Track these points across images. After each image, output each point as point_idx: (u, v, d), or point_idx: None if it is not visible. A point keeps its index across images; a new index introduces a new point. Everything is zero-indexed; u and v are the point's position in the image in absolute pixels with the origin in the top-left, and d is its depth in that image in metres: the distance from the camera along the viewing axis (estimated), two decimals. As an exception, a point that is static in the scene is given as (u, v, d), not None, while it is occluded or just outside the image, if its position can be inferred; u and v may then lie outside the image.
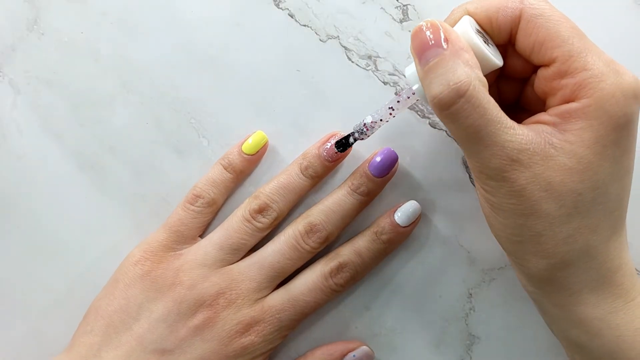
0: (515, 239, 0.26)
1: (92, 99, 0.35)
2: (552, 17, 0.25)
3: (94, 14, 0.35)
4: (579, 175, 0.24)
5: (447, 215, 0.34)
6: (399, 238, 0.32)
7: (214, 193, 0.33)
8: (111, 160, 0.35)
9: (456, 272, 0.34)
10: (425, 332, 0.34)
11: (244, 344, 0.31)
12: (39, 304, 0.35)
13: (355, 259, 0.32)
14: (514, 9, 0.26)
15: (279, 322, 0.31)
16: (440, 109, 0.24)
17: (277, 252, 0.32)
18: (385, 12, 0.34)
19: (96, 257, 0.35)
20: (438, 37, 0.25)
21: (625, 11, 0.32)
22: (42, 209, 0.36)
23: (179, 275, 0.31)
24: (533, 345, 0.33)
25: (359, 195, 0.32)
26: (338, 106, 0.34)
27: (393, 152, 0.32)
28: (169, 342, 0.30)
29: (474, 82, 0.24)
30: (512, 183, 0.24)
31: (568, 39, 0.24)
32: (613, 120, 0.24)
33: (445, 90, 0.24)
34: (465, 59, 0.24)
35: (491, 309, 0.33)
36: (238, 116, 0.35)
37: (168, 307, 0.31)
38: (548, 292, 0.26)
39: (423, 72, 0.25)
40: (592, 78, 0.24)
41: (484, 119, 0.24)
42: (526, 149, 0.24)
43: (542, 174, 0.24)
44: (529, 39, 0.25)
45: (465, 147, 0.25)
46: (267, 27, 0.35)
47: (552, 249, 0.25)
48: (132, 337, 0.31)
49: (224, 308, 0.31)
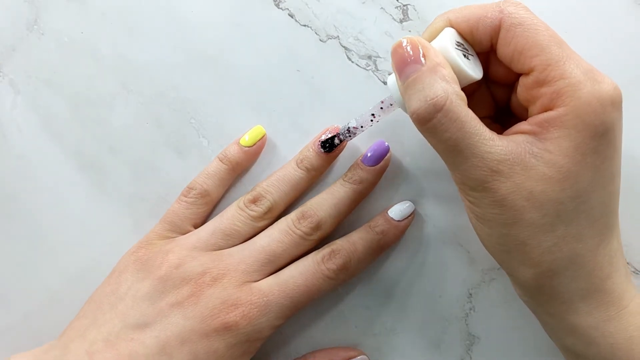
0: (502, 248, 0.26)
1: (92, 99, 0.35)
2: (531, 25, 0.25)
3: (94, 14, 0.35)
4: (560, 184, 0.24)
5: (447, 215, 0.34)
6: (393, 231, 0.32)
7: (206, 184, 0.34)
8: (111, 160, 0.35)
9: (456, 272, 0.34)
10: (425, 332, 0.34)
11: (228, 324, 0.29)
12: (38, 303, 0.35)
13: (348, 246, 0.32)
14: (493, 18, 0.26)
15: (266, 305, 0.30)
16: (420, 123, 0.25)
17: (268, 236, 0.32)
18: (385, 12, 0.34)
19: (96, 257, 0.35)
20: (417, 53, 0.25)
21: (625, 11, 0.32)
22: (42, 209, 0.36)
23: (168, 255, 0.31)
24: (533, 345, 0.33)
25: (351, 184, 0.32)
26: (338, 106, 0.34)
27: (384, 142, 0.33)
28: (150, 317, 0.30)
29: (451, 97, 0.24)
30: (494, 193, 0.24)
31: (546, 47, 0.24)
32: (591, 129, 0.24)
33: (423, 106, 0.24)
34: (442, 74, 0.25)
35: (491, 309, 0.33)
36: (238, 116, 0.35)
37: (153, 285, 0.31)
38: (540, 301, 0.27)
39: (403, 88, 0.26)
40: (569, 87, 0.24)
41: (462, 132, 0.24)
42: (506, 160, 0.24)
43: (522, 183, 0.24)
44: (508, 47, 0.25)
45: (446, 160, 0.26)
46: (267, 27, 0.35)
47: (537, 258, 0.25)
48: (115, 314, 0.30)
49: (209, 286, 0.30)
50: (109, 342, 0.29)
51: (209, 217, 0.35)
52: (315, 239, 0.32)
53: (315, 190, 0.34)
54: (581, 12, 0.33)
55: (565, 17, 0.32)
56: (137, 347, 0.29)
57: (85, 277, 0.35)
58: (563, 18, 0.32)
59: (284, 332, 0.34)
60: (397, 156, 0.34)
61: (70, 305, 0.34)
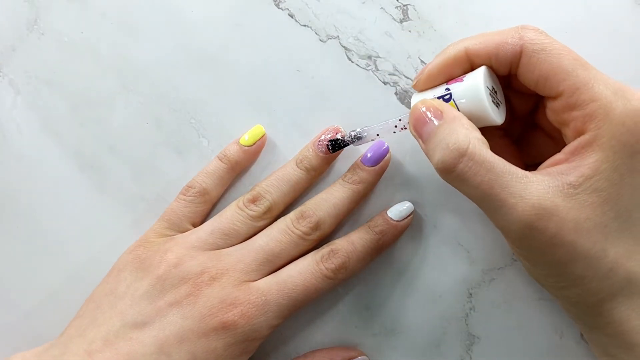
0: (559, 285, 0.26)
1: (92, 99, 0.35)
2: (553, 51, 0.25)
3: (94, 14, 0.35)
4: (601, 207, 0.24)
5: (447, 215, 0.34)
6: (392, 231, 0.32)
7: (205, 183, 0.34)
8: (111, 160, 0.35)
9: (456, 272, 0.33)
10: (425, 332, 0.34)
11: (226, 323, 0.29)
12: (38, 303, 0.35)
13: (347, 246, 0.32)
14: (514, 44, 0.25)
15: (265, 305, 0.30)
16: (446, 172, 0.25)
17: (267, 236, 0.32)
18: (385, 12, 0.34)
19: (95, 257, 0.35)
20: (436, 112, 0.26)
21: (625, 11, 0.32)
22: (42, 209, 0.36)
23: (167, 254, 0.31)
24: (533, 345, 0.33)
25: (350, 185, 0.32)
26: (338, 106, 0.34)
27: (384, 143, 0.32)
28: (149, 316, 0.30)
29: (473, 141, 0.24)
30: (542, 234, 0.24)
31: (572, 72, 0.24)
32: (627, 148, 0.23)
33: (446, 153, 0.24)
34: (461, 123, 0.25)
35: (491, 309, 0.33)
36: (238, 116, 0.35)
37: (152, 284, 0.31)
38: (599, 324, 0.26)
39: (425, 146, 0.26)
40: (600, 109, 0.23)
41: (493, 173, 0.24)
42: (545, 195, 0.23)
43: (567, 216, 0.23)
44: (532, 74, 0.25)
45: (484, 207, 0.25)
46: (267, 27, 0.35)
47: (596, 287, 0.24)
48: (114, 313, 0.30)
49: (208, 285, 0.30)
50: (108, 341, 0.29)
51: (208, 216, 0.35)
52: (314, 238, 0.32)
53: (315, 190, 0.34)
54: (581, 13, 0.33)
55: (565, 17, 0.32)
56: (136, 346, 0.29)
57: (85, 276, 0.35)
58: (563, 19, 0.32)
59: (284, 332, 0.34)
60: (397, 156, 0.34)
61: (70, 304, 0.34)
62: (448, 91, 0.27)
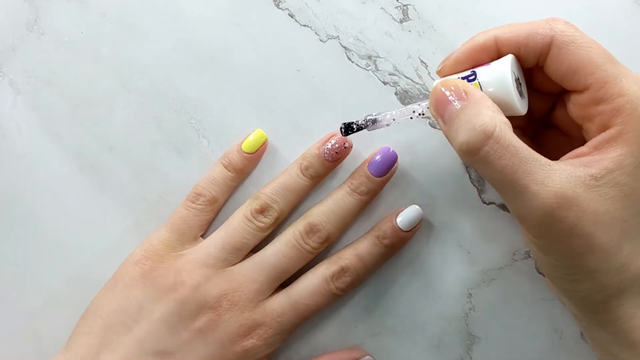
0: (570, 278, 0.25)
1: (92, 99, 0.35)
2: (583, 43, 0.25)
3: (94, 14, 0.35)
4: (622, 202, 0.24)
5: (447, 216, 0.34)
6: (400, 243, 0.32)
7: (214, 191, 0.33)
8: (111, 160, 0.35)
9: (456, 272, 0.34)
10: (425, 332, 0.34)
11: (246, 347, 0.31)
12: (38, 304, 0.35)
13: (357, 263, 0.32)
14: (544, 35, 0.25)
15: (280, 325, 0.31)
16: (470, 154, 0.24)
17: (278, 253, 0.32)
18: (385, 12, 0.34)
19: (96, 257, 0.35)
20: (458, 92, 0.25)
21: (625, 11, 0.32)
22: (42, 209, 0.36)
23: (181, 275, 0.31)
24: (533, 345, 0.33)
25: (358, 195, 0.32)
26: (338, 106, 0.34)
27: (393, 151, 0.32)
28: (170, 345, 0.30)
29: (499, 124, 0.24)
30: (561, 223, 0.23)
31: (601, 65, 0.24)
32: None
33: (472, 134, 0.24)
34: (487, 104, 0.24)
35: (491, 309, 0.33)
36: (238, 116, 0.35)
37: (170, 309, 0.31)
38: (604, 321, 0.26)
39: (446, 126, 0.25)
40: (628, 104, 0.24)
41: (518, 158, 0.23)
42: (568, 184, 0.23)
43: (587, 207, 0.23)
44: (560, 66, 0.25)
45: (505, 192, 0.25)
46: (267, 27, 0.35)
47: (607, 282, 0.24)
48: (131, 339, 0.30)
49: (227, 311, 0.31)
50: None
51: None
52: (322, 250, 0.33)
53: (316, 190, 0.34)
54: (581, 12, 0.33)
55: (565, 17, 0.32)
56: None
57: (85, 276, 0.35)
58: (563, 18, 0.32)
59: (284, 332, 0.34)
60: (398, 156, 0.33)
61: (70, 304, 0.34)
62: (473, 73, 0.27)
